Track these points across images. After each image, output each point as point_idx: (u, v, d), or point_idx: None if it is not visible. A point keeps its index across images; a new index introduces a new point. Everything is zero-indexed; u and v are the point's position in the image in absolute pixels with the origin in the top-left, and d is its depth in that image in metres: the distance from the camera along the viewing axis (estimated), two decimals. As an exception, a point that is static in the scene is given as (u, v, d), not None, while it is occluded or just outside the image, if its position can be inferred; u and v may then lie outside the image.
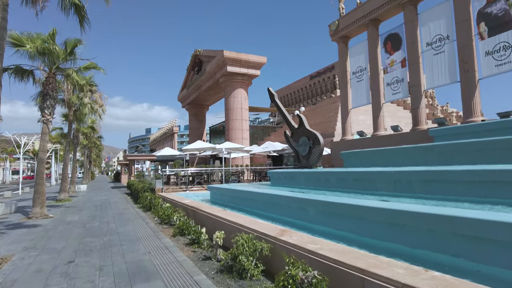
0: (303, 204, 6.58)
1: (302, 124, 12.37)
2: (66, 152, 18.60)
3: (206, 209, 8.43)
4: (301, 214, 6.79)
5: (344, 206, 5.34)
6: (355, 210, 5.11)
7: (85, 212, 13.42)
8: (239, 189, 10.31)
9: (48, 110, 12.67)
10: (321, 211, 6.03)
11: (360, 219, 5.10)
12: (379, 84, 17.27)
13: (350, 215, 5.31)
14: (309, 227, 6.39)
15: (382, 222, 4.72)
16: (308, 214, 6.52)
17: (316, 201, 6.07)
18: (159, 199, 12.63)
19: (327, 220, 5.89)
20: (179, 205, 10.69)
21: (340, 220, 5.60)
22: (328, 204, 5.69)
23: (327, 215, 5.88)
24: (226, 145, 18.22)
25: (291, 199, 7.03)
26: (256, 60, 29.32)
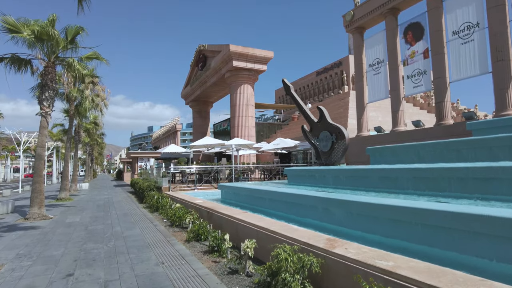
0: (343, 207, 5.53)
1: (323, 117, 11.32)
2: (66, 149, 17.59)
3: (224, 211, 7.39)
4: (334, 217, 5.77)
5: (407, 210, 4.29)
6: (424, 215, 4.06)
7: (87, 212, 12.40)
8: (257, 188, 9.28)
9: (47, 102, 11.64)
10: (369, 214, 4.99)
11: (428, 226, 4.07)
12: (398, 76, 16.19)
13: (412, 221, 4.27)
14: (345, 232, 5.38)
15: (463, 231, 3.69)
16: (345, 218, 5.49)
17: (364, 203, 5.02)
18: (167, 198, 11.60)
19: (374, 225, 4.86)
20: (191, 206, 9.66)
21: (394, 226, 4.58)
22: (384, 207, 4.63)
23: (376, 220, 4.85)
24: (236, 141, 17.17)
25: (326, 201, 5.99)
26: (263, 55, 28.25)
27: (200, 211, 8.73)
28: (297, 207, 7.10)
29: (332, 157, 10.86)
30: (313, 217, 6.56)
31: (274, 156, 27.95)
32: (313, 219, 6.52)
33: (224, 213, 7.21)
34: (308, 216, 6.74)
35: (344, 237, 4.78)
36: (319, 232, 5.07)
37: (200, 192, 14.06)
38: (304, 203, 6.84)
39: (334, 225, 5.79)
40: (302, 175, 10.93)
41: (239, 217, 6.46)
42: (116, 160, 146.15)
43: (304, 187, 10.02)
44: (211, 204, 8.76)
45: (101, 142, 44.99)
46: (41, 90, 11.82)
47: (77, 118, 21.10)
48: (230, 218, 6.82)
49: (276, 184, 12.11)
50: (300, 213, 6.99)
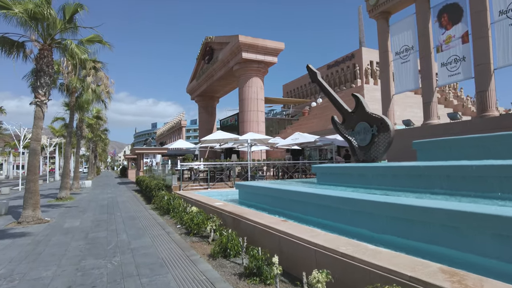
0: (434, 217, 3.98)
1: (360, 106, 9.73)
2: (67, 144, 16.09)
3: (258, 219, 5.84)
4: (412, 230, 4.24)
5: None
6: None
7: (88, 214, 10.90)
8: (287, 189, 7.72)
9: (42, 90, 10.11)
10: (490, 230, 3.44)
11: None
12: (431, 64, 14.54)
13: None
14: (438, 253, 3.86)
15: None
16: (435, 233, 3.95)
17: (482, 215, 3.45)
18: (179, 199, 10.07)
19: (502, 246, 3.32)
20: (209, 209, 8.13)
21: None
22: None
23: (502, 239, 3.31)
24: (250, 135, 15.61)
25: (400, 208, 4.42)
26: (273, 46, 26.63)
27: (223, 216, 7.20)
28: (344, 214, 5.57)
29: (372, 152, 9.28)
30: (370, 228, 5.03)
31: (285, 153, 26.39)
32: (372, 230, 4.99)
33: (258, 221, 5.66)
34: (362, 226, 5.21)
35: (448, 263, 3.26)
36: (411, 255, 3.52)
37: (213, 192, 12.53)
38: (356, 209, 5.30)
39: (411, 240, 4.25)
40: (335, 173, 9.36)
41: (282, 229, 4.91)
42: (119, 157, 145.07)
43: (340, 187, 8.46)
44: (236, 209, 7.22)
45: (105, 138, 43.51)
46: (35, 76, 10.29)
47: (79, 112, 19.60)
48: (267, 229, 5.27)
49: (302, 183, 10.55)
50: (351, 222, 5.45)
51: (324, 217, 6.24)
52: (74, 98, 16.37)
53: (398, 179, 7.20)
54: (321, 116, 29.55)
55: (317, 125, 27.00)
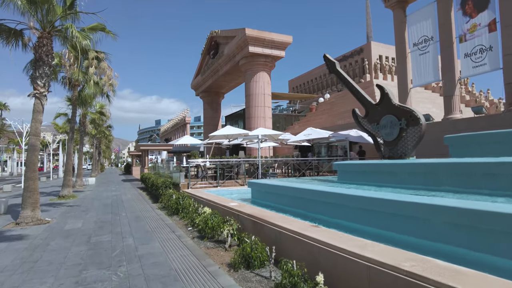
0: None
1: (386, 98, 8.88)
2: (69, 140, 15.38)
3: (284, 224, 5.05)
4: (470, 238, 3.44)
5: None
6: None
7: (91, 214, 10.18)
8: (310, 188, 6.92)
9: (41, 81, 9.36)
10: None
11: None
12: (452, 55, 13.63)
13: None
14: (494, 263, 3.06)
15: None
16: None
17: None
18: (189, 199, 9.32)
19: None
20: (223, 210, 7.35)
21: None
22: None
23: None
24: (261, 131, 14.80)
25: (464, 213, 3.62)
26: (280, 40, 25.75)
27: (240, 219, 6.42)
28: (384, 218, 4.78)
29: (399, 148, 8.46)
30: (421, 236, 4.24)
31: (293, 149, 25.57)
32: (424, 238, 4.20)
33: (285, 227, 4.87)
34: (409, 233, 4.42)
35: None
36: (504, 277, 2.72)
37: (224, 190, 11.77)
38: (402, 213, 4.50)
39: (489, 254, 3.45)
40: (361, 171, 8.53)
41: (318, 238, 4.11)
42: (123, 154, 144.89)
43: (366, 186, 7.66)
44: (255, 211, 6.42)
45: (109, 135, 42.89)
46: (34, 66, 9.54)
47: (81, 107, 18.89)
48: (298, 237, 4.48)
49: (321, 181, 9.76)
50: (392, 227, 4.67)
51: (356, 221, 5.45)
52: (77, 92, 15.63)
53: (437, 177, 6.38)
54: (330, 112, 28.67)
55: (326, 121, 26.14)
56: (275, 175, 13.35)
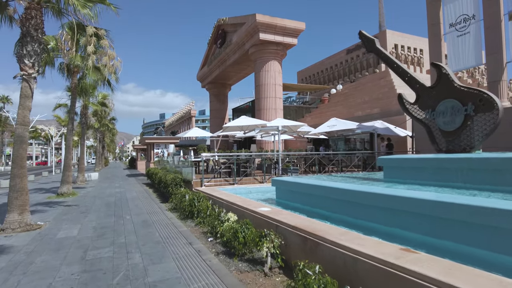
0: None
1: (444, 79, 7.22)
2: (68, 132, 13.87)
3: (361, 247, 3.47)
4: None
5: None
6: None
7: (91, 217, 8.68)
8: (362, 190, 5.35)
9: (29, 60, 7.79)
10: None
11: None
12: (500, 35, 11.87)
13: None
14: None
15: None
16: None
17: None
18: (205, 200, 7.77)
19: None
20: (251, 216, 5.79)
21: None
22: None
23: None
24: (281, 122, 13.19)
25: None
26: (293, 26, 23.94)
27: (280, 231, 4.85)
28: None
29: (463, 139, 6.82)
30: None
31: (307, 143, 23.96)
32: None
33: (365, 252, 3.30)
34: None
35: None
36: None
37: (241, 188, 10.23)
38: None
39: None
40: (418, 167, 6.91)
41: (433, 277, 2.55)
42: (128, 148, 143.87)
43: (430, 186, 6.08)
44: (301, 221, 4.83)
45: (112, 128, 41.37)
46: (20, 43, 7.96)
47: (82, 97, 17.35)
48: (394, 270, 2.92)
49: (362, 180, 8.18)
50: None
51: (433, 234, 3.94)
52: (76, 79, 14.09)
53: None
54: (344, 103, 26.96)
55: (341, 112, 24.46)
56: (297, 171, 11.78)
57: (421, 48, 31.73)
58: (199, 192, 8.05)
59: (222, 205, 7.36)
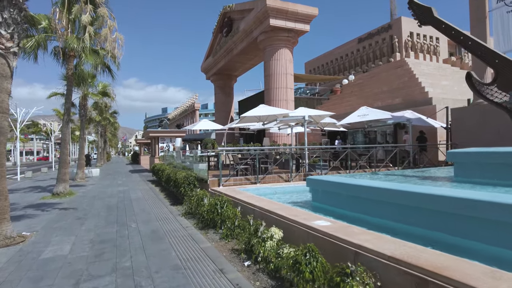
0: None
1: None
2: (64, 124, 12.22)
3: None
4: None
5: None
6: None
7: (88, 225, 7.07)
8: (479, 198, 3.70)
9: (6, 30, 6.09)
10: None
11: None
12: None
13: None
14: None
15: None
16: None
17: None
18: (230, 206, 6.14)
19: None
20: (303, 233, 4.16)
21: None
22: None
23: None
24: (306, 111, 11.49)
25: None
26: (305, 11, 22.08)
27: (364, 262, 3.21)
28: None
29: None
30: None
31: (322, 136, 22.27)
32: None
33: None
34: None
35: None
36: None
37: (265, 188, 8.61)
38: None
39: None
40: (504, 163, 5.28)
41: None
42: (130, 143, 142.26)
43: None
44: (406, 250, 3.16)
45: (114, 122, 39.65)
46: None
47: (81, 85, 15.66)
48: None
49: (418, 179, 6.53)
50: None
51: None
52: (72, 65, 12.39)
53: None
54: (359, 94, 25.21)
55: (357, 103, 22.69)
56: (326, 168, 10.13)
57: (437, 36, 29.80)
58: (222, 196, 6.42)
59: (254, 212, 5.72)
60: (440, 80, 21.81)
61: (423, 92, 18.51)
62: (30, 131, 60.45)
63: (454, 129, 12.58)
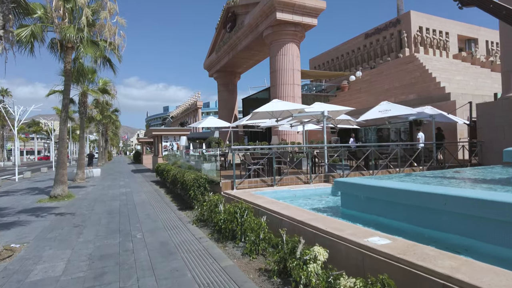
0: None
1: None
2: (61, 121, 11.32)
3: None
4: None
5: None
6: None
7: (87, 235, 6.16)
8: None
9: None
10: None
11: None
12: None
13: None
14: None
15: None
16: None
17: None
18: (250, 214, 5.23)
19: None
20: (359, 254, 3.26)
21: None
22: None
23: None
24: (325, 106, 10.57)
25: None
26: (313, 5, 21.12)
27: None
28: None
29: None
30: None
31: (331, 134, 21.34)
32: None
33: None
34: None
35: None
36: None
37: (283, 191, 7.72)
38: None
39: None
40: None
41: None
42: (132, 142, 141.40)
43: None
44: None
45: (116, 120, 38.74)
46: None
47: (80, 82, 14.76)
48: None
49: (466, 181, 5.63)
50: None
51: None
52: (70, 58, 11.47)
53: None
54: (369, 90, 24.27)
55: (367, 100, 21.80)
56: (348, 168, 9.23)
57: (447, 31, 28.86)
58: (240, 202, 5.51)
59: (282, 223, 4.81)
60: (454, 75, 20.88)
61: (439, 87, 17.57)
62: (31, 130, 59.56)
63: (480, 126, 11.65)
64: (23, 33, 9.35)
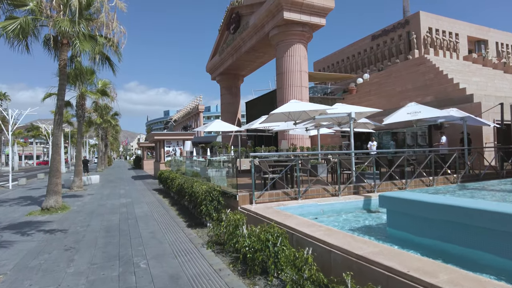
0: None
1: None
2: (55, 125, 10.17)
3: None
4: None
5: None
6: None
7: (79, 264, 4.99)
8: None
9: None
10: None
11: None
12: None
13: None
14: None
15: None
16: None
17: None
18: (285, 241, 4.09)
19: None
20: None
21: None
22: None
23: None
24: (349, 107, 9.46)
25: None
26: (321, 4, 20.19)
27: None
28: None
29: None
30: None
31: (340, 138, 20.23)
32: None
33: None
34: None
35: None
36: None
37: (309, 206, 6.58)
38: None
39: None
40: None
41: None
42: (132, 146, 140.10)
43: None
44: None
45: (116, 124, 37.56)
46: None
47: (78, 83, 13.67)
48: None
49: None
50: None
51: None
52: (65, 55, 10.39)
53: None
54: (379, 93, 23.22)
55: (379, 102, 20.70)
56: (378, 177, 8.10)
57: (457, 32, 27.92)
58: (272, 226, 4.36)
59: (330, 256, 3.67)
60: (470, 76, 19.85)
61: (458, 89, 16.50)
62: (30, 135, 58.32)
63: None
64: (10, 26, 8.26)
